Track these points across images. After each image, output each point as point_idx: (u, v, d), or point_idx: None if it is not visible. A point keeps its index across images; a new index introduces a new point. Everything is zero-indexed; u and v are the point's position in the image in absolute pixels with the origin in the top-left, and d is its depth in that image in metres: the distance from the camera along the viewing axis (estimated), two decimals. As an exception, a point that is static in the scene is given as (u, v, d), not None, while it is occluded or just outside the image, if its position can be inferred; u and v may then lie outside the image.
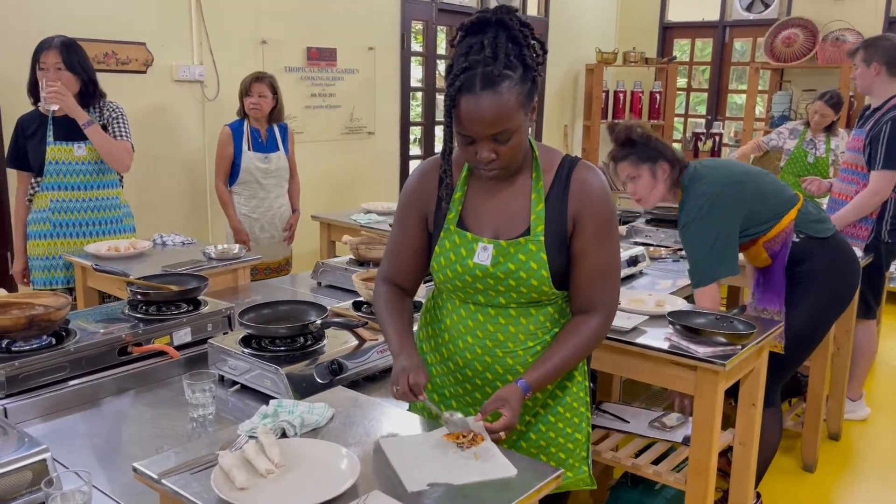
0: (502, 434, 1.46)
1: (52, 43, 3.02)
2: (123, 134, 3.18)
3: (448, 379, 1.69)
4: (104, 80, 3.21)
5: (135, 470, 1.33)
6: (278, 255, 4.13)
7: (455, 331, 1.64)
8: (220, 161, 3.93)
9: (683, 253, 3.36)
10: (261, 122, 3.95)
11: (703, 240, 2.49)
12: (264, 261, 3.92)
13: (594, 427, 2.47)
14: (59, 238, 3.15)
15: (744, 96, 6.93)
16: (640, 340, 2.17)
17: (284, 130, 4.07)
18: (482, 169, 1.53)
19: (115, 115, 3.19)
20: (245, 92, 3.89)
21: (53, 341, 1.97)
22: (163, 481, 1.29)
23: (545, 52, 1.52)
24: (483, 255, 1.56)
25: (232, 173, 3.95)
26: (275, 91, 3.93)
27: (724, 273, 2.49)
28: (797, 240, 2.58)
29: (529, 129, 1.55)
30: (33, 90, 3.08)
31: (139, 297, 2.29)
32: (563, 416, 1.67)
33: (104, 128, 3.14)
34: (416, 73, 5.77)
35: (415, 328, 1.75)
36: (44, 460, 1.40)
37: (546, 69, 6.64)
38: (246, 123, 3.93)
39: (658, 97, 6.88)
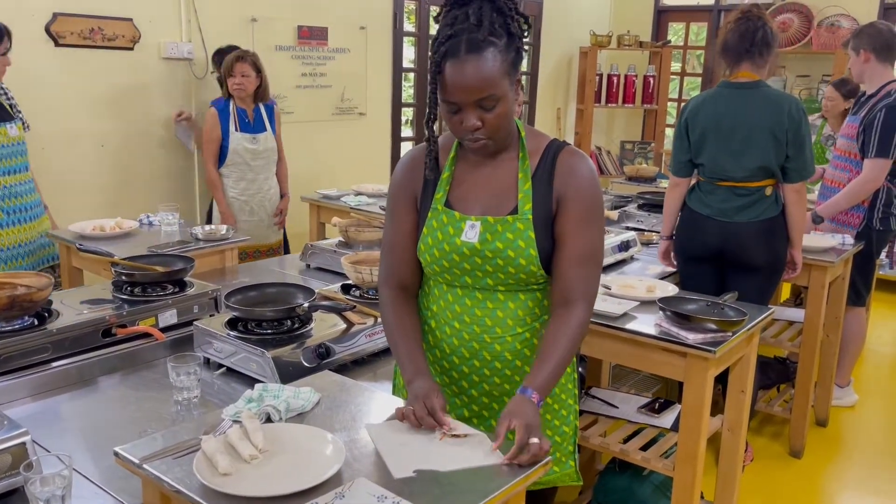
0: (533, 440, 1.32)
1: None
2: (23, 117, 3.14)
3: (434, 368, 1.67)
4: (90, 57, 3.13)
5: (116, 454, 1.31)
6: (269, 238, 4.10)
7: (442, 317, 1.62)
8: (209, 144, 3.86)
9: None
10: (246, 102, 3.89)
11: None
12: (253, 243, 3.87)
13: (583, 412, 2.47)
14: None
15: (737, 81, 6.88)
16: (629, 326, 2.16)
17: (271, 110, 4.01)
18: (468, 140, 1.51)
19: (14, 100, 3.10)
20: (228, 72, 3.81)
21: (35, 322, 1.94)
22: (144, 466, 1.27)
23: (529, 25, 1.53)
24: (471, 232, 1.54)
25: (220, 155, 3.89)
26: (258, 70, 3.85)
27: (670, 164, 3.05)
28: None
29: (518, 108, 1.53)
30: None
31: (124, 277, 2.25)
32: (551, 408, 1.65)
33: (11, 108, 3.04)
34: (409, 53, 5.70)
35: None
36: (23, 443, 1.37)
37: (539, 49, 6.59)
38: (231, 104, 3.87)
39: (652, 81, 6.83)
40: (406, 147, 5.61)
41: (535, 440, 1.31)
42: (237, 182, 3.93)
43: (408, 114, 5.92)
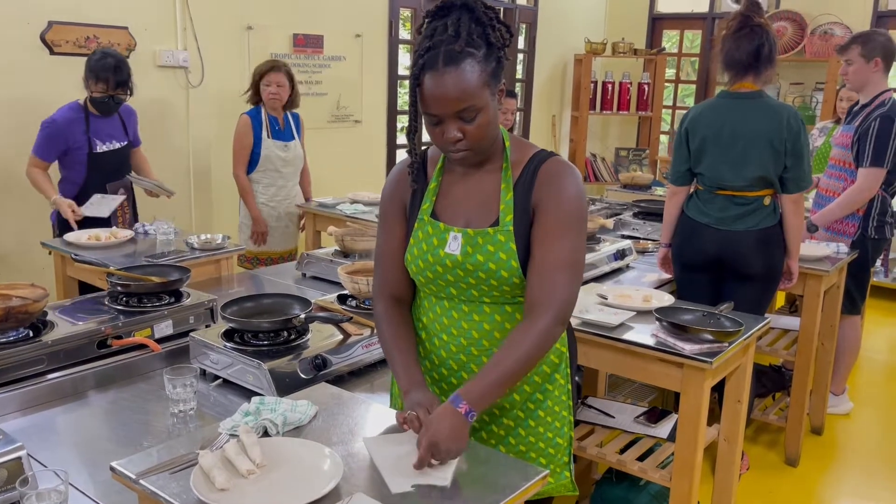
0: (434, 461, 1.33)
1: None
2: None
3: (426, 378, 1.65)
4: (84, 65, 3.10)
5: (112, 469, 1.31)
6: (290, 245, 4.19)
7: (431, 328, 1.62)
8: (240, 150, 3.94)
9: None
10: (278, 111, 3.98)
11: None
12: (276, 249, 4.08)
13: (580, 422, 2.47)
14: None
15: (732, 89, 6.90)
16: (626, 337, 2.16)
17: (297, 119, 4.12)
18: (451, 151, 1.50)
19: None
20: (259, 80, 3.87)
21: (31, 334, 1.93)
22: (141, 481, 1.26)
23: (511, 34, 1.51)
24: (453, 244, 1.53)
25: (249, 162, 3.96)
26: (291, 79, 3.95)
27: (669, 173, 3.05)
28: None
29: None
30: None
31: (119, 288, 2.25)
32: (543, 421, 1.64)
33: None
34: (404, 60, 5.71)
35: None
36: (19, 458, 1.37)
37: (534, 56, 6.61)
38: (263, 112, 3.95)
39: (646, 88, 6.86)
40: (402, 154, 5.58)
41: (434, 462, 1.31)
42: (266, 188, 4.03)
43: (403, 121, 5.92)
